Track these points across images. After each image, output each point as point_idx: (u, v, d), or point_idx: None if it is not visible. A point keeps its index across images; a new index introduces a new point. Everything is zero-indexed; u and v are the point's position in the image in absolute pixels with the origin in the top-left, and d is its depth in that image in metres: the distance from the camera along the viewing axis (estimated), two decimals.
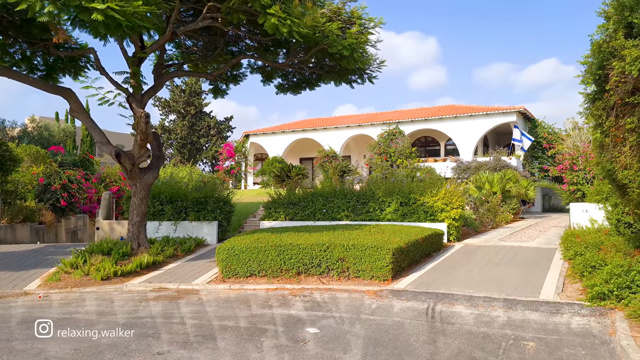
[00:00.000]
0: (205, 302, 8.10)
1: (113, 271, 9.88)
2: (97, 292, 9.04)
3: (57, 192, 21.47)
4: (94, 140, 35.30)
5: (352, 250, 9.27)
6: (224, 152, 36.74)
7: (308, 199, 14.62)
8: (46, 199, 20.81)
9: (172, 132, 43.17)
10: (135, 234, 12.17)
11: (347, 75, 13.76)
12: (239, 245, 9.81)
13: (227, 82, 15.70)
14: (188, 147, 43.59)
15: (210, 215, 14.52)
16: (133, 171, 11.60)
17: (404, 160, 27.76)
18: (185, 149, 43.42)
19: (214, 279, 9.84)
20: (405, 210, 13.74)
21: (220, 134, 44.61)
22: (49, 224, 19.52)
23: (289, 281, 9.43)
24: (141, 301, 8.22)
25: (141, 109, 10.71)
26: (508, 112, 26.70)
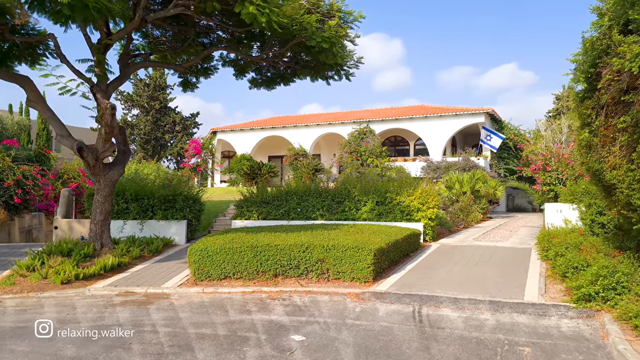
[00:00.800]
0: (177, 307, 7.57)
1: (74, 274, 9.17)
2: (56, 297, 8.33)
3: (10, 189, 20.16)
4: (50, 134, 33.68)
5: (332, 251, 8.92)
6: (190, 149, 35.72)
7: (282, 197, 14.19)
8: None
9: (135, 127, 41.71)
10: (98, 234, 11.43)
11: (323, 71, 13.39)
12: (212, 246, 9.29)
13: (197, 75, 15.06)
14: (152, 143, 42.22)
15: (178, 214, 13.87)
16: (96, 167, 10.87)
17: (374, 159, 27.67)
18: (149, 145, 42.02)
19: (186, 282, 9.29)
20: (381, 210, 13.51)
21: (185, 130, 43.43)
22: (1, 222, 18.31)
23: (266, 284, 8.99)
24: (107, 307, 7.61)
25: (106, 100, 10.01)
26: (477, 113, 27.02)
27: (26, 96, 10.22)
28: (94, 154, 10.58)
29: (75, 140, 10.44)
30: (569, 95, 47.18)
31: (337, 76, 13.55)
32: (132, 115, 42.61)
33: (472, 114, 27.16)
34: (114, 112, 9.96)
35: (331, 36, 10.71)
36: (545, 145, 15.30)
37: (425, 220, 13.14)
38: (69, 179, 23.77)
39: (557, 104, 46.84)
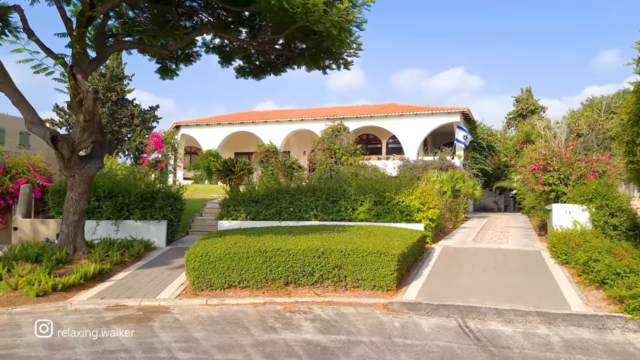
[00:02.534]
0: (185, 324, 6.48)
1: (51, 285, 7.84)
2: (33, 314, 7.02)
3: None
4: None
5: (351, 256, 8.06)
6: (151, 143, 33.76)
7: (272, 196, 13.16)
8: None
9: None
10: (71, 236, 10.06)
11: (321, 60, 12.50)
12: (214, 251, 8.21)
13: (177, 62, 13.78)
14: (108, 137, 39.68)
15: (158, 214, 12.56)
16: (72, 160, 9.49)
17: (349, 157, 27.00)
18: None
19: (183, 293, 8.16)
20: (380, 210, 12.75)
21: (144, 124, 41.16)
22: None
23: (277, 293, 8.02)
24: (99, 325, 6.41)
25: (87, 82, 8.68)
26: (452, 112, 26.89)
27: None
28: (70, 145, 9.22)
29: (49, 128, 9.04)
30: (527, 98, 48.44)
31: (335, 65, 12.68)
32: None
33: (448, 113, 27.00)
34: (96, 96, 8.65)
35: (340, 21, 9.84)
36: (544, 144, 15.06)
37: (426, 221, 12.51)
38: (18, 174, 21.53)
39: (517, 105, 48.01)
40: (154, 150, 34.05)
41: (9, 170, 22.18)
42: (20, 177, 21.68)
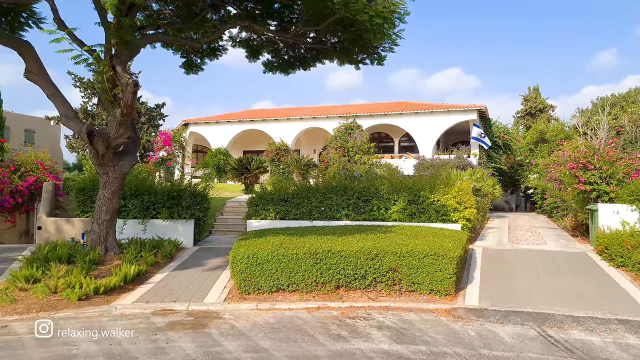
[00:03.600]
0: (244, 331, 6.08)
1: (93, 288, 7.41)
2: (78, 319, 6.61)
3: None
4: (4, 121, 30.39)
5: (406, 258, 7.67)
6: (159, 141, 33.31)
7: (302, 195, 12.74)
8: None
9: (96, 117, 38.64)
10: (103, 236, 9.64)
11: (353, 54, 12.05)
12: (261, 253, 7.80)
13: (202, 56, 13.33)
14: None
15: (186, 213, 12.16)
16: (106, 156, 9.07)
17: (362, 155, 26.60)
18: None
19: (230, 296, 7.75)
20: (413, 209, 12.35)
21: (151, 122, 40.70)
22: None
23: (328, 297, 7.62)
24: (154, 332, 6.01)
25: (127, 74, 8.25)
26: (469, 110, 26.51)
27: (25, 67, 8.30)
28: (105, 140, 8.80)
29: (84, 123, 8.63)
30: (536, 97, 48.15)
31: (368, 60, 12.25)
32: (93, 105, 39.50)
33: (464, 110, 26.62)
34: (136, 89, 8.23)
35: (385, 11, 9.42)
36: (583, 141, 14.67)
37: (463, 221, 12.12)
38: (27, 172, 21.07)
39: (526, 104, 47.67)
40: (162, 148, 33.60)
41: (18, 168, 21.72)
42: (29, 175, 21.23)
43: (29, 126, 40.82)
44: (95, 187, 12.07)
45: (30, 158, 22.52)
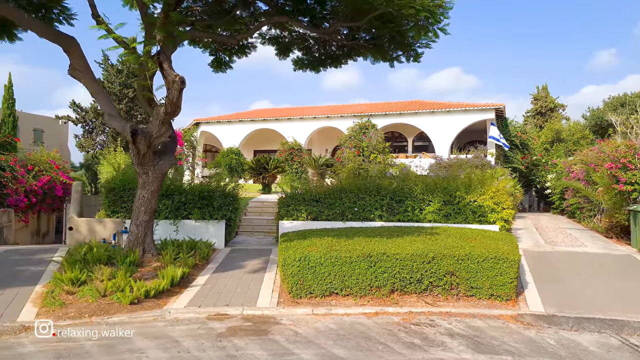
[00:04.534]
0: (311, 338, 5.83)
1: (144, 291, 7.18)
2: (133, 324, 6.37)
3: None
4: (17, 120, 30.20)
5: (465, 262, 7.43)
6: None
7: (334, 195, 12.49)
8: None
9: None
10: (141, 237, 9.41)
11: (389, 51, 11.77)
12: (313, 256, 7.56)
13: (231, 54, 13.06)
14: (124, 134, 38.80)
15: (217, 213, 11.93)
16: (147, 155, 8.83)
17: (377, 155, 26.36)
18: (121, 136, 38.69)
19: (282, 300, 7.51)
20: (449, 210, 12.11)
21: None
22: None
23: (383, 302, 7.38)
24: (217, 338, 5.77)
25: (173, 70, 8.00)
26: (486, 109, 26.25)
27: (69, 63, 8.06)
28: (147, 139, 8.55)
29: (128, 121, 8.39)
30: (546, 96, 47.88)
31: (404, 57, 11.97)
32: None
33: (481, 110, 26.37)
34: (183, 87, 7.98)
35: (431, 5, 9.15)
36: (623, 140, 14.41)
37: (501, 222, 11.88)
38: (40, 172, 20.87)
39: (536, 103, 47.39)
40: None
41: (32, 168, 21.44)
42: (43, 174, 21.00)
43: (38, 125, 40.58)
44: (126, 187, 11.86)
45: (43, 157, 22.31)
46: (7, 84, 29.32)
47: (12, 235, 18.77)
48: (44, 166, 21.36)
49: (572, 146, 31.41)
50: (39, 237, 24.07)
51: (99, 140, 39.02)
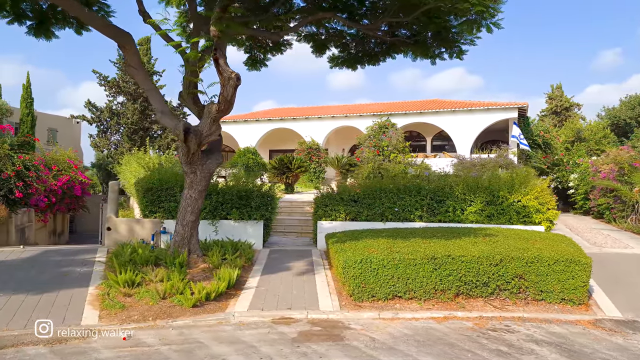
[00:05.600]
0: (390, 344, 5.59)
1: (205, 294, 6.96)
2: (199, 327, 6.15)
3: (9, 181, 17.28)
4: (35, 120, 30.14)
5: (534, 264, 7.17)
6: None
7: (374, 195, 12.23)
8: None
9: (121, 116, 38.26)
10: (187, 238, 9.20)
11: (431, 48, 11.49)
12: (375, 258, 7.32)
13: (266, 52, 12.82)
14: (140, 133, 38.85)
15: (255, 213, 11.72)
16: (196, 154, 8.62)
17: (397, 154, 26.07)
18: (136, 135, 38.60)
19: (343, 303, 7.27)
20: (492, 211, 11.83)
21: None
22: (2, 220, 15.51)
23: (449, 306, 7.14)
24: (293, 344, 5.54)
25: (228, 67, 7.77)
26: (509, 107, 25.92)
27: (125, 60, 7.86)
28: (198, 138, 8.34)
29: (181, 119, 8.19)
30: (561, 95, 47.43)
31: (447, 54, 11.68)
32: (117, 103, 39.17)
33: (504, 108, 26.03)
34: (238, 83, 7.76)
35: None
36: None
37: (546, 223, 11.60)
38: (59, 172, 20.70)
39: (550, 103, 46.94)
40: None
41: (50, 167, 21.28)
42: (62, 174, 20.86)
43: (52, 125, 40.53)
44: (163, 187, 11.66)
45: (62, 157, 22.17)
46: (26, 83, 29.26)
47: (32, 235, 18.65)
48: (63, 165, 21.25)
49: (594, 146, 31.02)
50: (55, 237, 23.97)
51: (113, 140, 38.97)
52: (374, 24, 10.76)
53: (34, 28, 9.90)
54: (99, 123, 38.21)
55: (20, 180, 17.60)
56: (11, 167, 17.49)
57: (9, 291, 7.16)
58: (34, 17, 9.84)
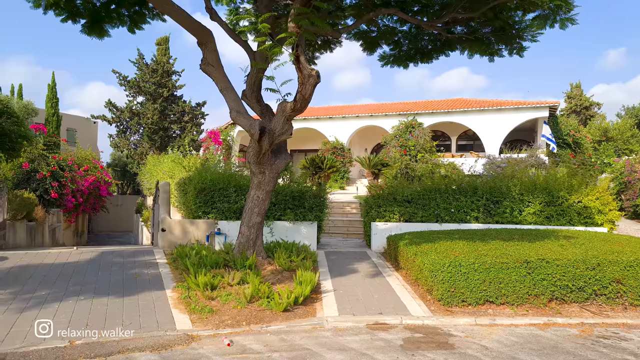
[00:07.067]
0: (507, 352, 5.32)
1: (294, 298, 6.73)
2: (296, 333, 5.91)
3: (45, 181, 17.20)
4: (60, 120, 30.09)
5: (632, 268, 6.89)
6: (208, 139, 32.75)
7: (428, 196, 11.95)
8: (31, 189, 16.51)
9: (141, 116, 38.17)
10: (252, 240, 8.98)
11: (490, 45, 11.18)
12: (465, 261, 7.05)
13: (314, 50, 12.58)
14: (160, 133, 38.76)
15: (309, 214, 11.49)
16: (267, 154, 8.40)
17: (424, 154, 25.78)
18: (156, 135, 38.52)
19: (433, 308, 7.01)
20: (551, 212, 11.52)
21: (193, 121, 40.18)
22: (40, 220, 15.41)
23: (543, 311, 6.86)
24: (406, 352, 5.27)
25: (309, 65, 7.54)
26: (540, 106, 25.53)
27: (202, 58, 7.65)
28: (271, 137, 8.11)
29: (256, 119, 7.95)
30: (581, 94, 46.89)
31: (506, 50, 11.36)
32: (137, 104, 39.09)
33: (535, 107, 25.65)
34: (318, 81, 7.52)
35: None
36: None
37: (609, 224, 11.29)
38: (86, 171, 20.52)
39: (570, 102, 46.41)
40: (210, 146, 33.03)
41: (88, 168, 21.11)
42: (89, 174, 20.69)
43: (70, 125, 40.53)
44: (216, 187, 11.44)
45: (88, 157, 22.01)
46: (51, 83, 29.21)
47: (61, 236, 18.56)
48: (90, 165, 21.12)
49: (622, 145, 30.59)
50: (78, 237, 23.91)
51: (133, 140, 38.92)
52: (438, 19, 10.47)
53: (87, 26, 9.75)
54: (119, 123, 38.20)
55: (55, 181, 17.50)
56: (46, 167, 17.39)
57: (90, 294, 6.96)
58: (86, 15, 9.69)
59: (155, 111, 39.16)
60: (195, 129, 40.00)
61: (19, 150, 12.12)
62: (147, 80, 39.94)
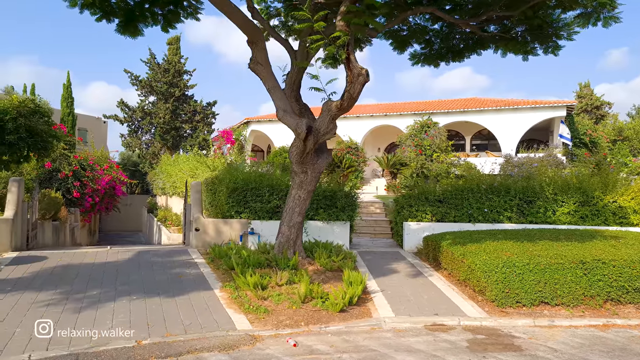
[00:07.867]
0: (578, 354, 5.24)
1: (349, 298, 6.66)
2: (357, 333, 5.84)
3: (67, 181, 17.21)
4: (75, 120, 30.12)
5: None
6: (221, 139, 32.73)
7: (460, 196, 11.86)
8: (54, 188, 16.52)
9: (153, 115, 38.18)
10: (292, 239, 8.91)
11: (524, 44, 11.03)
12: (519, 262, 6.97)
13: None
14: (172, 133, 38.75)
15: (342, 214, 11.42)
16: (310, 153, 8.33)
17: (440, 154, 25.65)
18: (168, 135, 38.52)
19: (487, 309, 6.93)
20: (586, 212, 11.42)
21: (205, 120, 40.17)
22: (64, 220, 15.42)
23: (600, 312, 6.78)
24: (476, 353, 5.19)
25: (358, 63, 7.47)
26: (557, 106, 25.39)
27: (251, 56, 7.59)
28: (316, 136, 8.04)
29: (302, 119, 7.89)
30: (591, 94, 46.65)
31: (541, 50, 11.23)
32: (148, 103, 39.11)
33: (552, 107, 25.51)
34: (367, 80, 7.45)
35: None
36: None
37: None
38: (105, 171, 20.52)
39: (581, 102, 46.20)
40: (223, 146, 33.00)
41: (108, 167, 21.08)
42: (106, 174, 20.68)
43: (81, 125, 40.62)
44: (248, 187, 11.38)
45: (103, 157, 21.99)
46: (66, 83, 29.25)
47: (79, 235, 18.59)
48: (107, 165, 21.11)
49: (637, 144, 30.40)
50: (91, 237, 23.94)
51: (144, 140, 38.93)
52: (474, 18, 10.37)
53: (121, 26, 9.71)
54: (130, 123, 38.22)
55: (77, 180, 17.49)
56: (67, 166, 17.38)
57: (140, 293, 6.91)
58: (121, 14, 9.64)
59: (167, 111, 39.13)
60: (207, 129, 39.98)
61: (50, 149, 12.07)
62: (159, 79, 39.93)
